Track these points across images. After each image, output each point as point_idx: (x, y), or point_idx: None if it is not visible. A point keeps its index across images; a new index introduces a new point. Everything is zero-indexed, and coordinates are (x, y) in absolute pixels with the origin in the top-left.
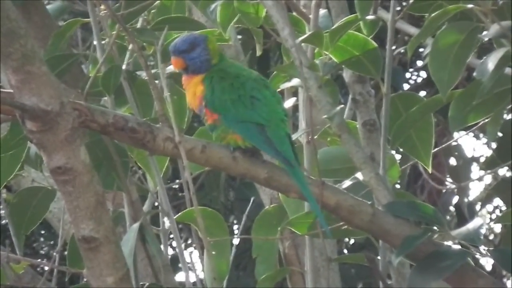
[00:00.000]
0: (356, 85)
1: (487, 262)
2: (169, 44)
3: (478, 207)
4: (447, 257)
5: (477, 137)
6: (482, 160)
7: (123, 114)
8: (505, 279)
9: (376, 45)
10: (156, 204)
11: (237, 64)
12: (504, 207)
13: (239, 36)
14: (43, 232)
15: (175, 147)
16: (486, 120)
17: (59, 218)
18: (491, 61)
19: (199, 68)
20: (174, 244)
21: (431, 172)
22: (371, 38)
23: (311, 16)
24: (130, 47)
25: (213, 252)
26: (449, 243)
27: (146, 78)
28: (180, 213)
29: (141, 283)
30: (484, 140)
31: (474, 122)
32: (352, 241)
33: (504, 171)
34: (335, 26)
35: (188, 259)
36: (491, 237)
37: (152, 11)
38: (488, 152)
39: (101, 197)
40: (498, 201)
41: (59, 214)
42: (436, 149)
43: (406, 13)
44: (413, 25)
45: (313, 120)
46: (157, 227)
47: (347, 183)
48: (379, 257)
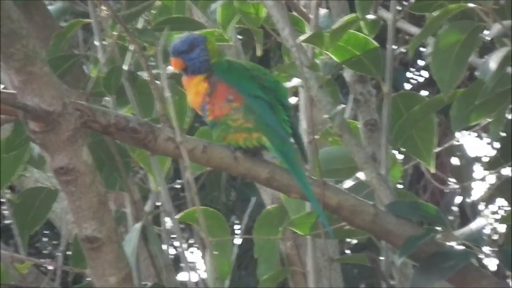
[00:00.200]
0: (357, 85)
1: (491, 263)
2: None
3: (481, 207)
4: (450, 257)
5: (479, 137)
6: (485, 160)
7: (124, 115)
8: (508, 280)
9: (377, 44)
10: (158, 204)
11: (240, 61)
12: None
13: (240, 36)
14: (46, 232)
15: (176, 147)
16: (489, 120)
17: (62, 218)
18: (493, 61)
19: (199, 69)
20: (176, 244)
21: (433, 172)
22: (372, 38)
23: (311, 16)
24: (131, 48)
25: (215, 252)
26: (452, 244)
27: (147, 78)
28: (181, 213)
29: (143, 282)
30: (487, 140)
31: (477, 122)
32: (354, 241)
33: (507, 171)
34: (335, 25)
35: (190, 259)
36: (494, 237)
37: (153, 12)
38: (491, 152)
39: (103, 197)
40: (501, 201)
41: (62, 214)
42: (438, 149)
43: (407, 12)
44: (414, 25)
45: (314, 120)
46: (159, 227)
47: (349, 183)
48: (381, 257)
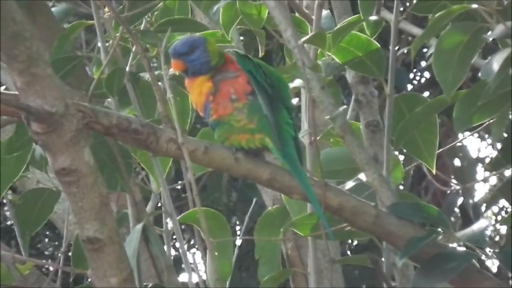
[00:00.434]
0: (359, 86)
1: (493, 264)
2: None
3: (483, 208)
4: (452, 259)
5: (482, 138)
6: (487, 161)
7: (126, 116)
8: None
9: (379, 45)
10: (159, 205)
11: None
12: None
13: (242, 37)
14: (47, 233)
15: (178, 148)
16: (491, 121)
17: (63, 219)
18: (496, 62)
19: (199, 70)
20: (177, 245)
21: (435, 173)
22: (374, 39)
23: (313, 17)
24: (133, 49)
25: (216, 253)
26: (454, 245)
27: (149, 79)
28: (183, 214)
29: (145, 283)
30: (489, 141)
31: (479, 123)
32: (355, 243)
33: (510, 172)
34: (338, 26)
35: (191, 260)
36: (496, 239)
37: (155, 13)
38: (493, 153)
39: (105, 198)
40: (503, 202)
41: (64, 215)
42: (440, 150)
43: (409, 13)
44: (416, 26)
45: (315, 121)
46: (160, 228)
47: (350, 184)
48: (382, 259)
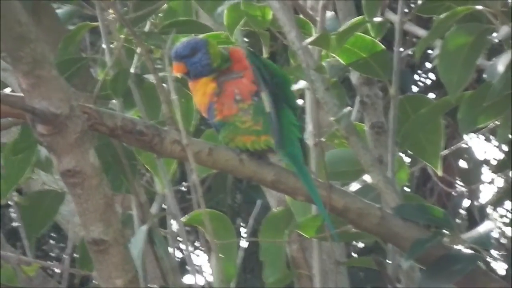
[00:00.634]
0: (364, 87)
1: (499, 266)
2: None
3: (489, 210)
4: (458, 261)
5: (487, 140)
6: (493, 162)
7: (131, 117)
8: None
9: (383, 47)
10: (164, 206)
11: None
12: None
13: (246, 39)
14: (53, 234)
15: (182, 149)
16: (497, 122)
17: (68, 220)
18: (501, 63)
19: (200, 73)
20: (182, 246)
21: (441, 175)
22: (379, 40)
23: (318, 18)
24: (138, 51)
25: (221, 255)
26: (460, 247)
27: (154, 81)
28: (187, 216)
29: (149, 285)
30: (495, 143)
31: (485, 124)
32: (360, 245)
33: None
34: (342, 28)
35: (195, 262)
36: (502, 241)
37: (160, 15)
38: (499, 155)
39: (110, 199)
40: (509, 204)
41: (69, 217)
42: (445, 151)
43: (414, 14)
44: (421, 27)
45: (320, 122)
46: (165, 230)
47: (355, 186)
48: (388, 261)
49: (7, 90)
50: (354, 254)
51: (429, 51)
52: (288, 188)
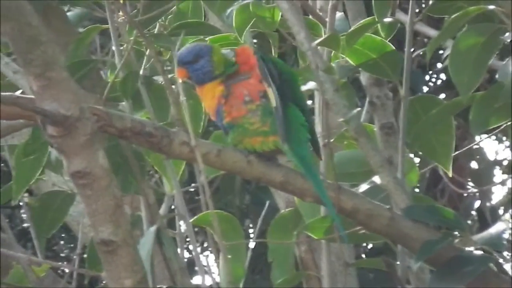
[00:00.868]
0: (373, 88)
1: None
2: None
3: (501, 211)
4: (469, 262)
5: (499, 140)
6: (504, 163)
7: (140, 119)
8: None
9: (393, 47)
10: (173, 207)
11: None
12: None
13: (255, 40)
14: (63, 235)
15: (191, 151)
16: (509, 123)
17: (78, 221)
18: None
19: (202, 80)
20: (190, 247)
21: (451, 175)
22: (389, 41)
23: (327, 19)
24: (147, 53)
25: (229, 256)
26: (471, 248)
27: (163, 83)
28: (196, 217)
29: (158, 286)
30: (507, 143)
31: (496, 125)
32: (370, 246)
33: None
34: (352, 28)
35: (204, 263)
36: None
37: (169, 17)
38: (511, 156)
39: (119, 200)
40: None
41: (79, 218)
42: (456, 152)
43: (425, 14)
44: (432, 27)
45: (329, 123)
46: (174, 231)
47: (364, 187)
48: (397, 262)
49: (18, 92)
50: (363, 256)
51: (440, 52)
52: (297, 189)
